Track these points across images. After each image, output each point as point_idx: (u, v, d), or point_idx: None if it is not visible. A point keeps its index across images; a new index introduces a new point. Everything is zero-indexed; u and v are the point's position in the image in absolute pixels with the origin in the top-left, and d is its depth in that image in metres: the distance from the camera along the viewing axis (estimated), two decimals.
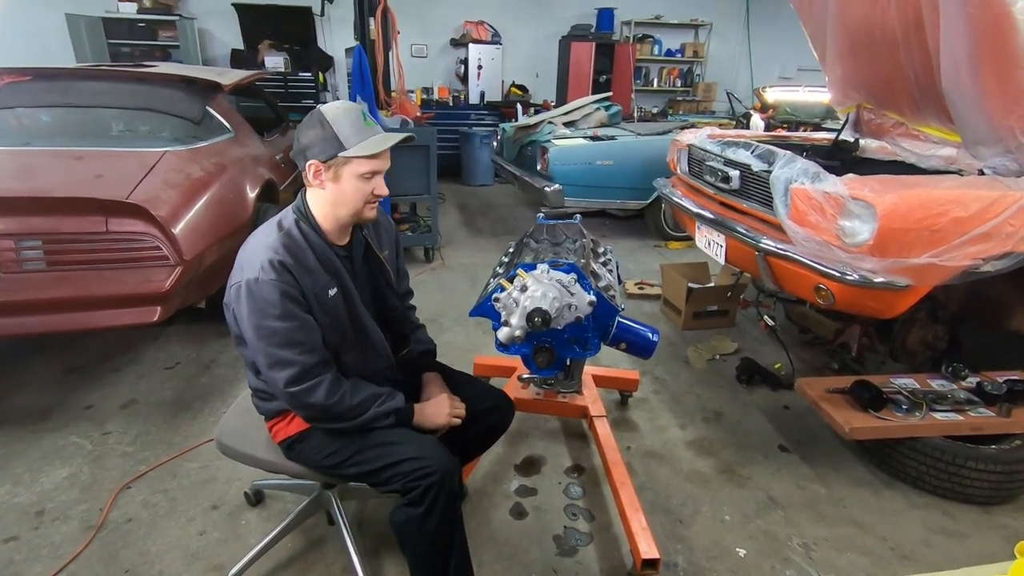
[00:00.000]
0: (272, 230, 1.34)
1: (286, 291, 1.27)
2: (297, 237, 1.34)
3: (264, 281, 1.25)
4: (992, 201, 1.84)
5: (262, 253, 1.28)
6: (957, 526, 1.92)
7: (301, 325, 1.29)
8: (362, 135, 1.30)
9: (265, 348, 1.29)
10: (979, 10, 1.81)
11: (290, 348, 1.28)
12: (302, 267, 1.31)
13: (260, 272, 1.26)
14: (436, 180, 4.29)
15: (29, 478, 2.03)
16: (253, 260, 1.28)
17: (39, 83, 3.09)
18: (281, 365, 1.29)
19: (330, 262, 1.37)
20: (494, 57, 7.37)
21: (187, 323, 3.18)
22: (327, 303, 1.35)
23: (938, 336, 2.47)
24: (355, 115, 1.31)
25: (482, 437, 1.64)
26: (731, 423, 2.47)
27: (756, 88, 7.06)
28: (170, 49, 6.57)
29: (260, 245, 1.31)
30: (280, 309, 1.26)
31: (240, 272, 1.31)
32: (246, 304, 1.28)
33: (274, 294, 1.25)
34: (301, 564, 1.71)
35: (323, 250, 1.37)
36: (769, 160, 2.30)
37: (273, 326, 1.27)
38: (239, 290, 1.29)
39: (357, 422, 1.36)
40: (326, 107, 1.32)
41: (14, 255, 2.15)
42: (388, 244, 1.58)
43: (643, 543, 1.63)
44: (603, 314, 1.72)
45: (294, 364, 1.28)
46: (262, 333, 1.28)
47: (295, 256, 1.30)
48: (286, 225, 1.35)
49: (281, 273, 1.26)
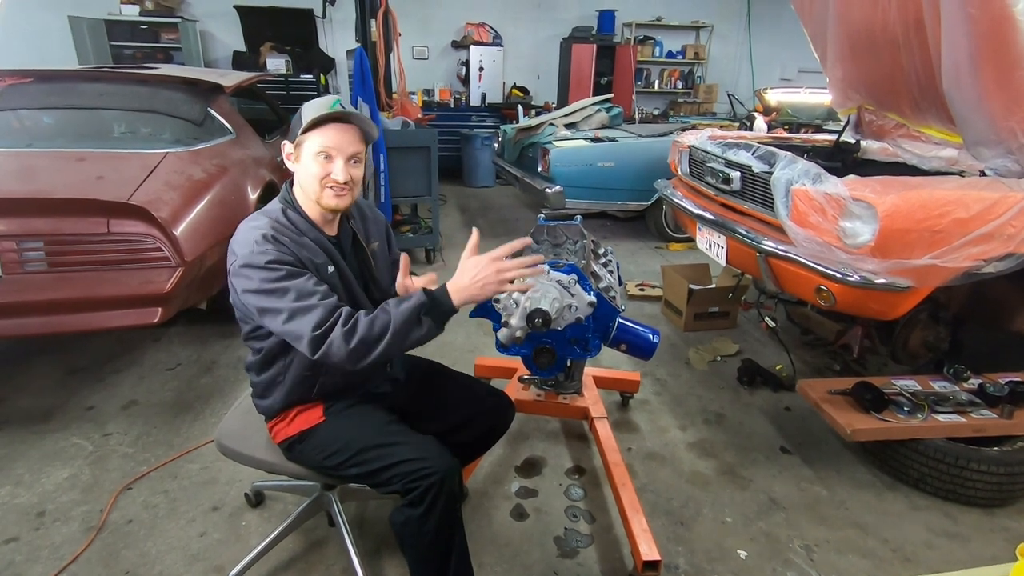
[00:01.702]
0: (259, 217, 1.35)
1: (283, 258, 1.25)
2: (286, 222, 1.34)
3: (259, 252, 1.24)
4: (994, 202, 1.84)
5: (254, 232, 1.27)
6: (959, 528, 1.92)
7: (310, 277, 1.27)
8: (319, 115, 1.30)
9: (284, 304, 1.22)
10: (980, 11, 1.80)
11: (308, 297, 1.23)
12: (297, 243, 1.31)
13: (254, 246, 1.24)
14: (437, 181, 4.30)
15: (30, 479, 2.03)
16: (245, 240, 1.27)
17: (41, 85, 3.10)
18: (304, 311, 1.21)
19: (324, 245, 1.37)
20: (495, 59, 7.38)
21: (188, 324, 3.18)
22: (327, 277, 1.34)
23: (940, 337, 2.47)
24: (326, 102, 1.33)
25: (482, 438, 1.63)
26: (732, 425, 2.47)
27: (757, 90, 7.06)
28: (172, 51, 6.58)
29: (249, 228, 1.30)
30: (284, 271, 1.24)
31: (232, 256, 1.29)
32: (247, 279, 1.25)
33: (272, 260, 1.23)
34: (301, 565, 1.71)
35: (314, 234, 1.37)
36: (770, 161, 2.30)
37: (283, 285, 1.23)
38: (237, 272, 1.27)
39: (386, 342, 1.20)
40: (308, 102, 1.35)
41: (16, 256, 2.15)
42: (377, 236, 1.57)
43: (644, 545, 1.63)
44: (604, 315, 1.72)
45: (317, 307, 1.22)
46: (276, 294, 1.22)
47: (288, 235, 1.30)
48: (274, 213, 1.36)
49: (276, 244, 1.26)
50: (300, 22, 6.81)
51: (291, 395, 1.42)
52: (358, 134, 1.35)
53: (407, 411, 1.54)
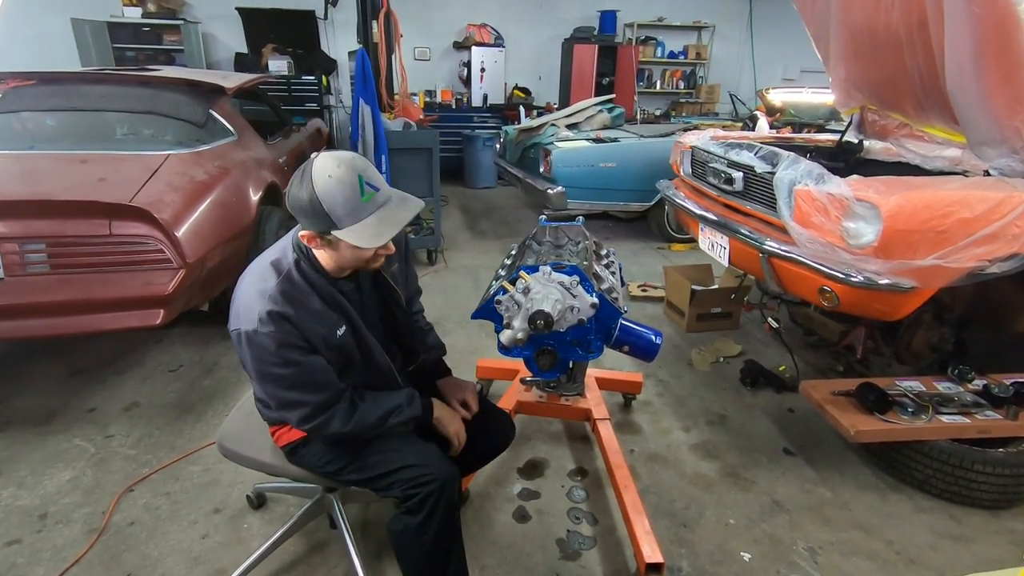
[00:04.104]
0: (269, 275, 1.25)
1: (285, 341, 1.21)
2: (298, 281, 1.25)
3: (262, 333, 1.19)
4: (998, 202, 1.83)
5: (258, 303, 1.20)
6: (964, 530, 1.91)
7: (306, 368, 1.24)
8: (357, 215, 1.16)
9: (273, 392, 1.27)
10: (984, 10, 1.80)
11: (298, 390, 1.26)
12: (305, 313, 1.24)
13: (258, 324, 1.19)
14: (439, 182, 4.29)
15: (32, 481, 2.03)
16: (250, 309, 1.21)
17: (43, 87, 3.11)
18: (291, 406, 1.27)
19: (336, 302, 1.30)
20: (497, 60, 7.38)
21: (190, 326, 3.18)
22: (335, 342, 1.30)
23: (944, 338, 2.46)
24: (350, 191, 1.15)
25: (482, 455, 1.64)
26: (735, 426, 2.46)
27: (759, 90, 7.04)
28: (174, 53, 6.60)
29: (256, 293, 1.22)
30: (281, 358, 1.21)
31: (237, 320, 1.24)
32: (247, 352, 1.24)
33: (273, 345, 1.20)
34: (303, 568, 1.70)
35: (327, 291, 1.29)
36: (773, 161, 2.29)
37: (277, 372, 1.23)
38: (239, 337, 1.24)
39: (377, 432, 1.36)
40: (318, 176, 1.14)
41: (18, 258, 2.15)
42: (396, 258, 1.52)
43: (647, 547, 1.62)
44: (606, 316, 1.71)
45: (304, 404, 1.26)
46: (267, 379, 1.26)
47: (296, 304, 1.23)
48: (285, 267, 1.26)
49: (280, 324, 1.19)
50: (302, 24, 6.83)
51: None
52: None
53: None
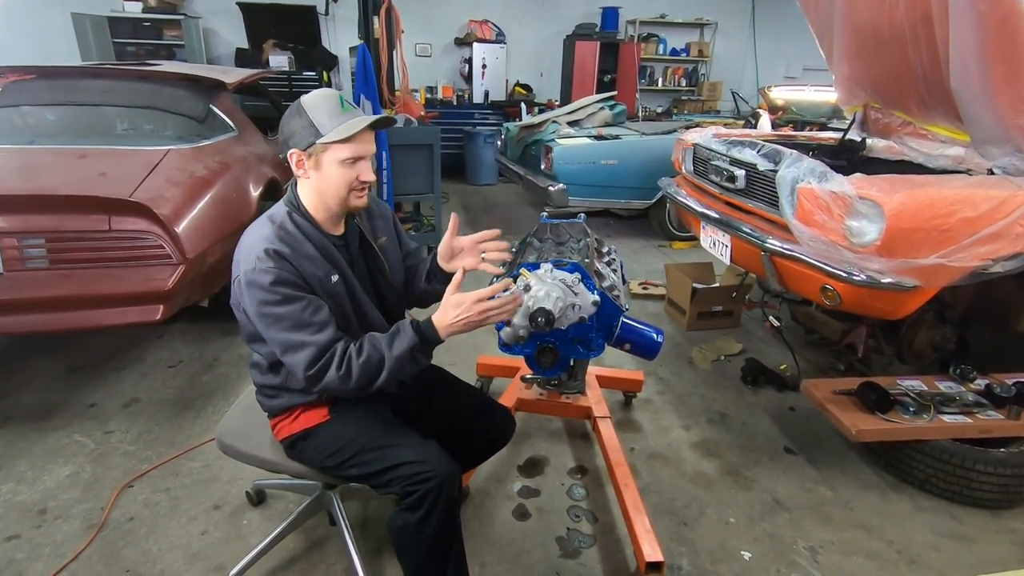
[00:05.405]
0: (265, 224, 1.33)
1: (284, 277, 1.25)
2: (291, 229, 1.32)
3: (260, 270, 1.24)
4: (1002, 201, 1.82)
5: (257, 245, 1.27)
6: (965, 530, 1.90)
7: (306, 305, 1.27)
8: (338, 120, 1.28)
9: (276, 335, 1.27)
10: (989, 7, 1.78)
11: (300, 330, 1.25)
12: (300, 255, 1.29)
13: (256, 262, 1.24)
14: (440, 179, 4.29)
15: (32, 476, 2.03)
16: (249, 253, 1.27)
17: (43, 81, 3.10)
18: (295, 348, 1.26)
19: (328, 251, 1.36)
20: (498, 56, 7.36)
21: (190, 322, 3.18)
22: (330, 289, 1.33)
23: (946, 338, 2.45)
24: (332, 101, 1.30)
25: (482, 451, 1.63)
26: (736, 425, 2.46)
27: (761, 87, 7.02)
28: (175, 48, 6.59)
29: (255, 238, 1.30)
30: (281, 295, 1.24)
31: (237, 267, 1.30)
32: (247, 296, 1.27)
33: (270, 280, 1.23)
34: (302, 565, 1.70)
35: (320, 240, 1.35)
36: (775, 159, 2.28)
37: (278, 312, 1.25)
38: (239, 284, 1.29)
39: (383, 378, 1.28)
40: (305, 96, 1.31)
41: (17, 253, 2.15)
42: (384, 230, 1.56)
43: (647, 545, 1.62)
44: (607, 314, 1.70)
45: (308, 344, 1.25)
46: (269, 321, 1.26)
47: (291, 246, 1.29)
48: (279, 218, 1.33)
49: (277, 261, 1.25)
50: (303, 19, 6.82)
51: (297, 396, 1.42)
52: (371, 132, 1.34)
53: (411, 415, 1.53)
